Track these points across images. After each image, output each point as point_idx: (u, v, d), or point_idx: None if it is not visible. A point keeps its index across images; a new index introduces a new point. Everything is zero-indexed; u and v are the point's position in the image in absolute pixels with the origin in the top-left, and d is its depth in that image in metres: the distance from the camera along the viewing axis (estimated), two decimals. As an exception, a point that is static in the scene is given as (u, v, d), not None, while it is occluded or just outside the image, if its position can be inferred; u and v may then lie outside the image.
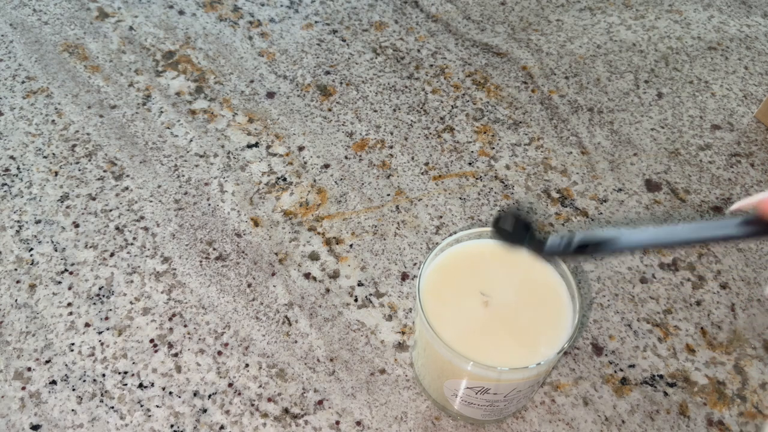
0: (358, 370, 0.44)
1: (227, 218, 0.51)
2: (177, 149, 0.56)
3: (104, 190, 0.53)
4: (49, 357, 0.44)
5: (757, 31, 0.70)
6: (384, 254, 0.50)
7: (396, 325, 0.46)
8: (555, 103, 0.61)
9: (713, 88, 0.64)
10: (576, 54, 0.66)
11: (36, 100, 0.59)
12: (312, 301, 0.47)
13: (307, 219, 0.52)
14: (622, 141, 0.58)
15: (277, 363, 0.44)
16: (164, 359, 0.44)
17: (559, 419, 0.42)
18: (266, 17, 0.68)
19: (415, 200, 0.53)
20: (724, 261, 0.50)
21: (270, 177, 0.54)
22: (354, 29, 0.67)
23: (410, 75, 0.63)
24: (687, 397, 0.43)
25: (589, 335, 0.46)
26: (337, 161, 0.56)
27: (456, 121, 0.59)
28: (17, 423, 0.41)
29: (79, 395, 0.42)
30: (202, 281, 0.48)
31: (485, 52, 0.66)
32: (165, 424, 0.41)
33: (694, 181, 0.56)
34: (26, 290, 0.47)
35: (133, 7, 0.68)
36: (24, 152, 0.55)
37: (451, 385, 0.37)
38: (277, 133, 0.58)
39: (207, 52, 0.64)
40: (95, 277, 0.48)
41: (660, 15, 0.71)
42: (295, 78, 0.62)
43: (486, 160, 0.56)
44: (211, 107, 0.59)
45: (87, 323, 0.45)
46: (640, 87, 0.63)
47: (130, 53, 0.63)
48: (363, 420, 0.41)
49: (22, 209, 0.51)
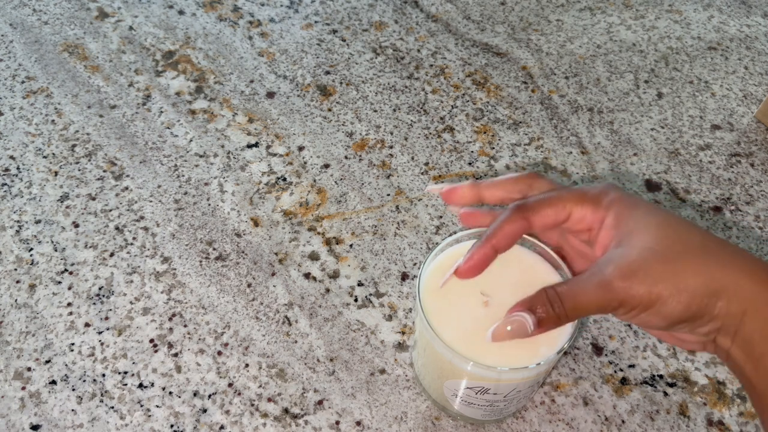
0: (358, 370, 0.44)
1: (227, 218, 0.51)
2: (177, 149, 0.56)
3: (104, 190, 0.53)
4: (49, 357, 0.44)
5: (757, 31, 0.70)
6: (384, 254, 0.50)
7: (396, 325, 0.46)
8: (555, 103, 0.61)
9: (713, 88, 0.64)
10: (576, 54, 0.66)
11: (36, 100, 0.59)
12: (312, 301, 0.47)
13: (307, 219, 0.52)
14: (622, 141, 0.58)
15: (277, 363, 0.44)
16: (164, 359, 0.44)
17: (559, 419, 0.42)
18: (266, 17, 0.68)
19: (415, 200, 0.53)
20: (724, 261, 0.50)
21: (270, 177, 0.54)
22: (354, 29, 0.67)
23: (410, 75, 0.63)
24: (687, 397, 0.43)
25: (589, 335, 0.46)
26: (337, 161, 0.56)
27: (456, 121, 0.59)
28: (17, 423, 0.41)
29: (79, 395, 0.42)
30: (202, 281, 0.48)
31: (485, 52, 0.66)
32: (165, 424, 0.41)
33: (694, 181, 0.56)
34: (26, 290, 0.47)
35: (133, 7, 0.68)
36: (24, 152, 0.55)
37: (451, 385, 0.37)
38: (277, 133, 0.58)
39: (207, 52, 0.64)
40: (95, 277, 0.48)
41: (660, 15, 0.71)
42: (295, 78, 0.62)
43: (486, 160, 0.56)
44: (211, 107, 0.59)
45: (87, 323, 0.45)
46: (640, 87, 0.63)
47: (130, 53, 0.63)
48: (363, 420, 0.41)
49: (21, 209, 0.51)
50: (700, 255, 0.29)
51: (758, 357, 0.28)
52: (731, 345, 0.29)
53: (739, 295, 0.28)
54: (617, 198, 0.32)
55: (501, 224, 0.32)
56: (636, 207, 0.31)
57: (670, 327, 0.30)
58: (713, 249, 0.29)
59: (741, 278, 0.28)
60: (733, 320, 0.28)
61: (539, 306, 0.31)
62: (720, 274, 0.28)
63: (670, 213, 0.31)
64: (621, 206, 0.31)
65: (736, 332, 0.29)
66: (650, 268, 0.29)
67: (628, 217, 0.31)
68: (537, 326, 0.31)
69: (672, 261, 0.29)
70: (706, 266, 0.29)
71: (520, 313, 0.31)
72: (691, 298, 0.28)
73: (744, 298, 0.28)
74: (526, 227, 0.33)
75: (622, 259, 0.29)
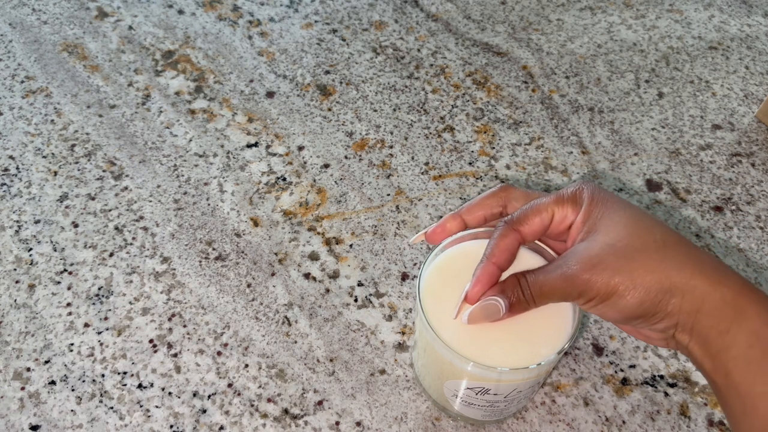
0: (358, 371, 0.44)
1: (227, 218, 0.51)
2: (176, 149, 0.56)
3: (103, 190, 0.53)
4: (48, 357, 0.43)
5: (758, 31, 0.69)
6: (384, 254, 0.50)
7: (396, 326, 0.46)
8: (555, 103, 0.61)
9: (714, 88, 0.63)
10: (576, 53, 0.66)
11: (35, 100, 0.59)
12: (312, 302, 0.47)
13: (307, 219, 0.52)
14: (622, 141, 0.58)
15: (277, 363, 0.44)
16: (164, 359, 0.44)
17: (559, 420, 0.42)
18: (266, 17, 0.68)
19: (415, 200, 0.53)
20: (725, 261, 0.50)
21: (270, 177, 0.54)
22: (354, 29, 0.67)
23: (410, 74, 0.63)
24: (688, 398, 0.43)
25: (590, 335, 0.46)
26: (337, 161, 0.56)
27: (456, 120, 0.59)
28: (16, 423, 0.41)
29: (78, 395, 0.42)
30: (201, 281, 0.48)
31: (485, 52, 0.66)
32: (164, 424, 0.41)
33: (694, 181, 0.56)
34: (25, 290, 0.47)
35: (132, 7, 0.68)
36: (23, 152, 0.55)
37: (451, 386, 0.37)
38: (277, 132, 0.57)
39: (206, 52, 0.64)
40: (94, 277, 0.47)
41: (661, 14, 0.71)
42: (294, 77, 0.62)
43: (486, 159, 0.56)
44: (210, 107, 0.59)
45: (86, 323, 0.45)
46: (640, 87, 0.63)
47: (129, 53, 0.63)
48: (363, 420, 0.41)
49: (21, 209, 0.51)
50: (657, 252, 0.30)
51: (715, 353, 0.29)
52: (689, 341, 0.30)
53: (692, 293, 0.29)
54: (590, 194, 0.33)
55: (496, 241, 0.34)
56: (605, 203, 0.33)
57: (627, 321, 0.32)
58: (672, 247, 0.31)
59: (694, 277, 0.30)
60: (688, 318, 0.30)
61: (511, 290, 0.33)
62: (674, 273, 0.30)
63: (638, 210, 0.33)
64: (591, 202, 0.33)
65: (692, 329, 0.30)
66: (609, 263, 0.30)
67: (596, 213, 0.32)
68: (508, 309, 0.33)
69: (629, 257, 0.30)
70: (662, 264, 0.30)
71: (494, 297, 0.33)
72: (645, 293, 0.30)
73: (696, 297, 0.29)
74: (519, 239, 0.34)
75: (584, 252, 0.31)
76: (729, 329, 0.29)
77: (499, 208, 0.36)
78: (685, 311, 0.30)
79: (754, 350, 0.29)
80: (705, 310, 0.29)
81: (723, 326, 0.29)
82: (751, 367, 0.29)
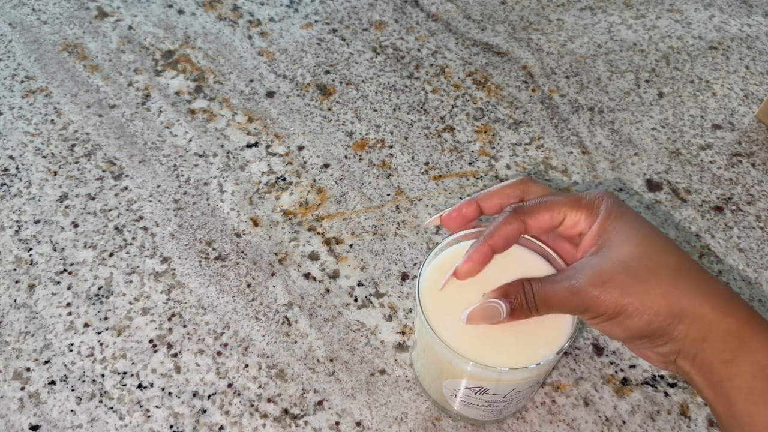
0: (358, 371, 0.44)
1: (227, 218, 0.51)
2: (176, 149, 0.56)
3: (103, 190, 0.53)
4: (48, 357, 0.43)
5: (758, 31, 0.69)
6: (384, 254, 0.50)
7: (396, 326, 0.46)
8: (555, 103, 0.61)
9: (714, 88, 0.63)
10: (576, 53, 0.66)
11: (35, 100, 0.59)
12: (312, 302, 0.47)
13: (307, 219, 0.52)
14: (622, 141, 0.58)
15: (277, 363, 0.44)
16: (163, 359, 0.44)
17: (559, 420, 0.42)
18: (266, 16, 0.68)
19: (415, 200, 0.53)
20: (725, 261, 0.50)
21: (270, 177, 0.54)
22: (354, 28, 0.67)
23: (410, 74, 0.63)
24: (688, 398, 0.43)
25: (590, 335, 0.46)
26: (337, 161, 0.56)
27: (456, 120, 0.59)
28: (16, 423, 0.41)
29: (78, 395, 0.42)
30: (201, 281, 0.48)
31: (485, 52, 0.66)
32: (164, 424, 0.41)
33: (695, 181, 0.56)
34: (25, 290, 0.47)
35: (132, 7, 0.68)
36: (23, 152, 0.55)
37: (451, 385, 0.37)
38: (277, 132, 0.57)
39: (206, 52, 0.64)
40: (94, 277, 0.47)
41: (661, 14, 0.71)
42: (294, 77, 0.62)
43: (486, 159, 0.56)
44: (210, 107, 0.59)
45: (86, 323, 0.45)
46: (640, 86, 0.63)
47: (129, 53, 0.63)
48: (363, 420, 0.41)
49: (21, 209, 0.51)
50: (670, 276, 0.30)
51: (717, 383, 0.29)
52: (690, 369, 0.30)
53: (701, 321, 0.29)
54: (608, 206, 0.33)
55: (498, 225, 0.33)
56: (622, 218, 0.32)
57: (631, 341, 0.32)
58: (684, 273, 0.30)
59: (704, 304, 0.29)
60: (693, 345, 0.30)
61: (514, 295, 0.32)
62: (685, 299, 0.30)
63: (654, 229, 0.32)
64: (608, 215, 0.32)
65: (695, 357, 0.30)
66: (620, 282, 0.30)
67: (612, 228, 0.32)
68: (509, 314, 0.32)
69: (642, 278, 0.30)
70: (673, 288, 0.30)
71: (497, 299, 0.32)
72: (653, 316, 0.30)
73: (704, 325, 0.29)
74: (522, 229, 0.34)
75: (595, 268, 0.31)
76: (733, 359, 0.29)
77: (516, 199, 0.35)
78: (691, 338, 0.29)
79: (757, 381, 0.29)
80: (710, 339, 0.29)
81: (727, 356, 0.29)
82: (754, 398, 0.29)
